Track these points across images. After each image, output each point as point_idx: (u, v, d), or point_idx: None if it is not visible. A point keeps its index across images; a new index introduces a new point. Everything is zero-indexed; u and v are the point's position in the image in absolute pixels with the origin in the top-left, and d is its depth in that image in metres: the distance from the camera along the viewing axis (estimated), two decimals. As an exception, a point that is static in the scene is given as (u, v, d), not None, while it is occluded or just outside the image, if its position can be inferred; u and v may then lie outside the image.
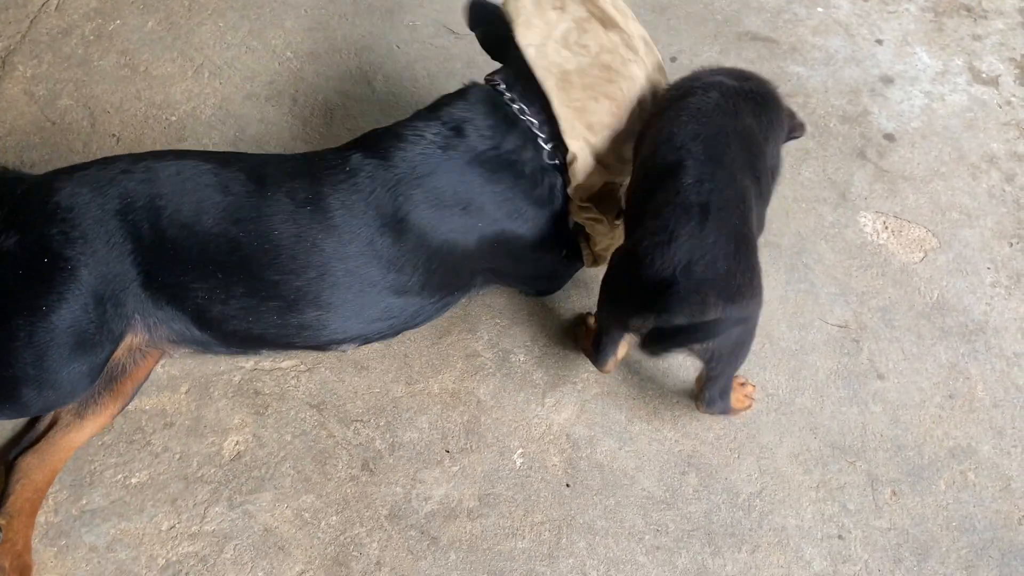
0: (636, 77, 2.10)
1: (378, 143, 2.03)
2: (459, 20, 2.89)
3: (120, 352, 1.93)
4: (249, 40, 2.77)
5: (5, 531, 1.81)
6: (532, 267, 2.20)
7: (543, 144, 2.06)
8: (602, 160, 2.09)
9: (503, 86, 2.09)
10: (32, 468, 1.90)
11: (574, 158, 2.05)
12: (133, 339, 1.93)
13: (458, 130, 2.02)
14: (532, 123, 2.06)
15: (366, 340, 2.11)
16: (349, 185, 1.95)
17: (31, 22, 2.73)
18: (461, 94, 2.12)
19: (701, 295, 1.75)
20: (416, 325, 2.16)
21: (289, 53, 2.76)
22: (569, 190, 2.11)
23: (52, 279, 1.81)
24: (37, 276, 1.81)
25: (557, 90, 2.02)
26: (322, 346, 2.08)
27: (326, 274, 1.93)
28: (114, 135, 2.53)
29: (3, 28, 2.70)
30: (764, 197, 2.01)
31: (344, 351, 2.17)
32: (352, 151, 2.02)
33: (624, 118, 2.10)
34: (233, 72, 2.69)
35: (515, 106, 2.06)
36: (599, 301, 2.02)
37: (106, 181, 1.89)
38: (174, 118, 2.58)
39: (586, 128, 2.05)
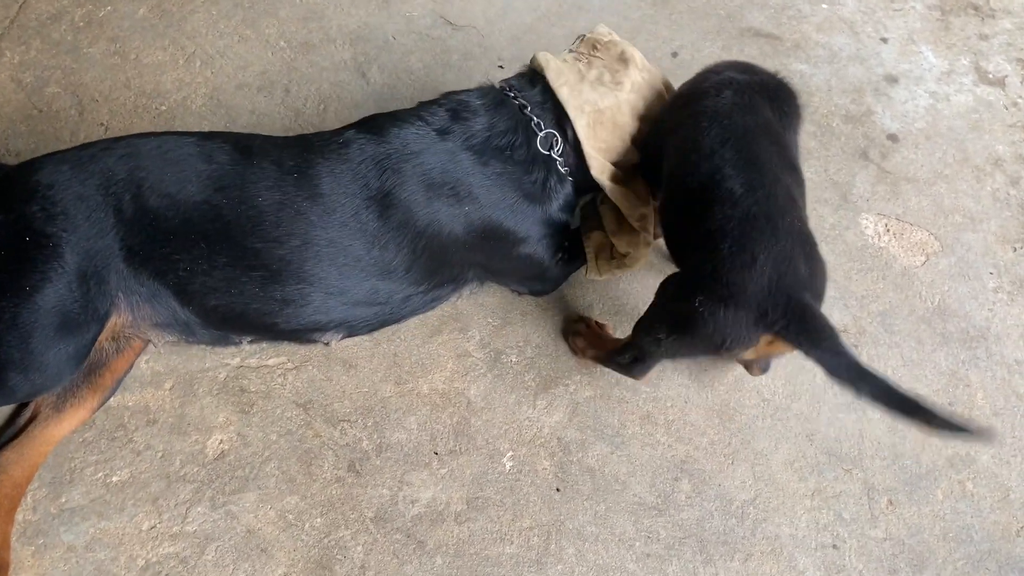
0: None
1: (375, 122, 2.02)
2: (457, 11, 2.85)
3: (104, 336, 1.90)
4: (242, 29, 2.72)
5: None
6: (524, 265, 2.15)
7: (555, 155, 2.04)
8: (629, 188, 2.11)
9: (518, 97, 2.06)
10: (11, 463, 1.86)
11: (613, 191, 2.08)
12: (117, 320, 1.89)
13: (459, 117, 2.01)
14: (552, 135, 2.05)
15: (351, 329, 2.07)
16: (338, 155, 1.93)
17: (20, 7, 2.68)
18: (471, 90, 2.10)
19: (802, 306, 1.67)
20: (403, 317, 2.12)
21: (283, 43, 2.70)
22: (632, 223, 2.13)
23: (35, 258, 1.78)
24: (19, 256, 1.78)
25: (587, 129, 2.04)
26: (305, 330, 2.03)
27: (310, 244, 1.90)
28: (102, 124, 2.48)
29: (-9, 13, 2.65)
30: (801, 188, 1.95)
31: (328, 343, 2.12)
32: (347, 129, 2.02)
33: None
34: (225, 61, 2.64)
35: (528, 114, 2.04)
36: (649, 329, 1.89)
37: (87, 158, 1.88)
38: (164, 108, 2.53)
39: (612, 166, 2.08)
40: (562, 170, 2.06)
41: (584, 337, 2.18)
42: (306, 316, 1.98)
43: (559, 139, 2.05)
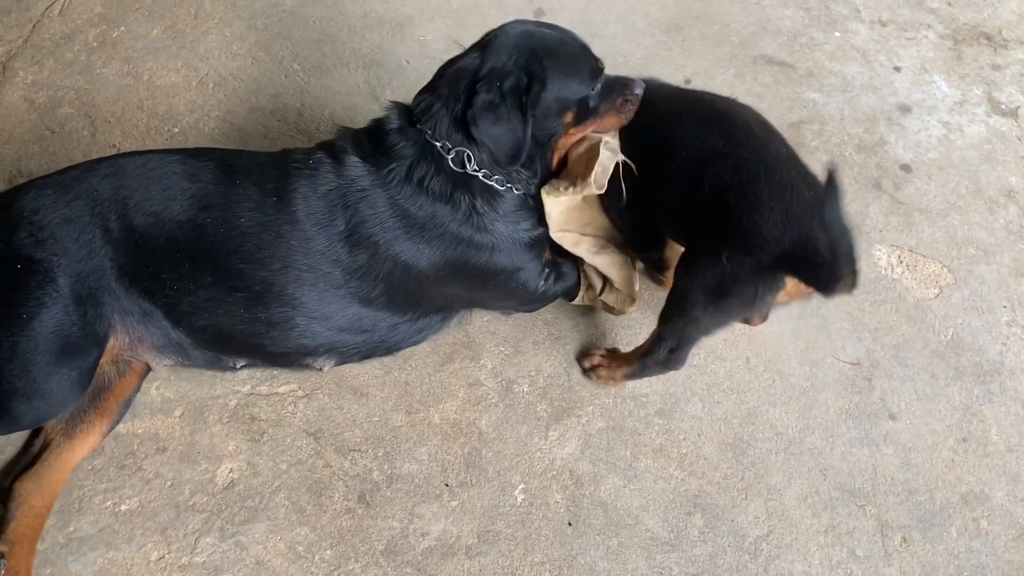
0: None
1: (338, 144, 1.98)
2: (470, 36, 2.83)
3: (104, 359, 1.89)
4: (255, 51, 2.72)
5: (8, 558, 1.77)
6: (507, 294, 2.12)
7: (470, 172, 1.94)
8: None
9: (422, 121, 1.94)
10: (30, 493, 1.86)
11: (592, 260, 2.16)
12: (115, 342, 1.89)
13: (383, 149, 1.94)
14: (463, 151, 1.93)
15: (342, 356, 2.06)
16: (311, 183, 1.92)
17: (34, 26, 2.68)
18: (388, 115, 2.00)
19: (813, 244, 1.71)
20: (394, 345, 2.10)
21: (296, 65, 2.70)
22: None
23: (28, 285, 1.77)
24: (12, 283, 1.77)
25: (561, 216, 2.07)
26: (294, 353, 2.02)
27: (291, 267, 1.89)
28: (114, 145, 2.48)
29: (5, 32, 2.64)
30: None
31: (320, 368, 2.10)
32: (319, 149, 1.99)
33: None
34: (238, 84, 2.64)
35: (431, 140, 1.93)
36: (684, 310, 1.90)
37: (70, 180, 1.87)
38: (176, 130, 2.52)
39: (584, 236, 2.15)
40: (488, 182, 1.96)
41: (605, 368, 2.17)
42: (293, 339, 1.97)
43: (471, 154, 1.92)
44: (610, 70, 2.87)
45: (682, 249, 2.03)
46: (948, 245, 2.56)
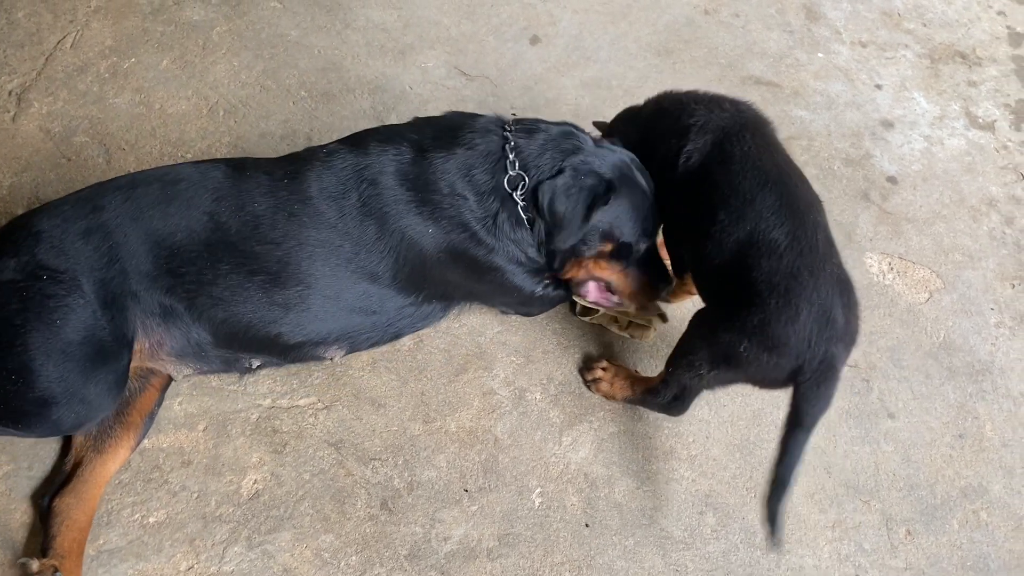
0: None
1: (359, 137, 2.17)
2: (470, 62, 2.96)
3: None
4: (263, 79, 2.80)
5: (61, 571, 1.80)
6: (501, 291, 2.21)
7: (516, 197, 2.07)
8: None
9: (511, 137, 2.10)
10: (71, 507, 1.89)
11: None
12: (138, 346, 1.96)
13: (443, 137, 2.10)
14: (521, 177, 2.07)
15: (353, 343, 2.14)
16: (324, 165, 2.07)
17: (47, 59, 2.75)
18: (477, 116, 2.18)
19: (832, 362, 1.79)
20: (400, 330, 2.19)
21: (303, 93, 2.79)
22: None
23: (56, 293, 1.84)
24: (40, 294, 1.84)
25: None
26: (309, 343, 2.09)
27: (304, 244, 2.02)
28: (129, 171, 2.52)
29: (19, 65, 2.71)
30: (820, 204, 1.97)
31: (332, 358, 2.17)
32: (334, 142, 2.16)
33: None
34: (248, 111, 2.72)
35: (507, 151, 2.07)
36: (689, 365, 1.94)
37: (84, 196, 2.00)
38: (189, 156, 2.59)
39: None
40: (524, 215, 2.08)
41: (607, 382, 2.23)
42: (307, 324, 2.05)
43: (526, 181, 2.06)
44: (604, 92, 3.00)
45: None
46: (936, 252, 2.68)
